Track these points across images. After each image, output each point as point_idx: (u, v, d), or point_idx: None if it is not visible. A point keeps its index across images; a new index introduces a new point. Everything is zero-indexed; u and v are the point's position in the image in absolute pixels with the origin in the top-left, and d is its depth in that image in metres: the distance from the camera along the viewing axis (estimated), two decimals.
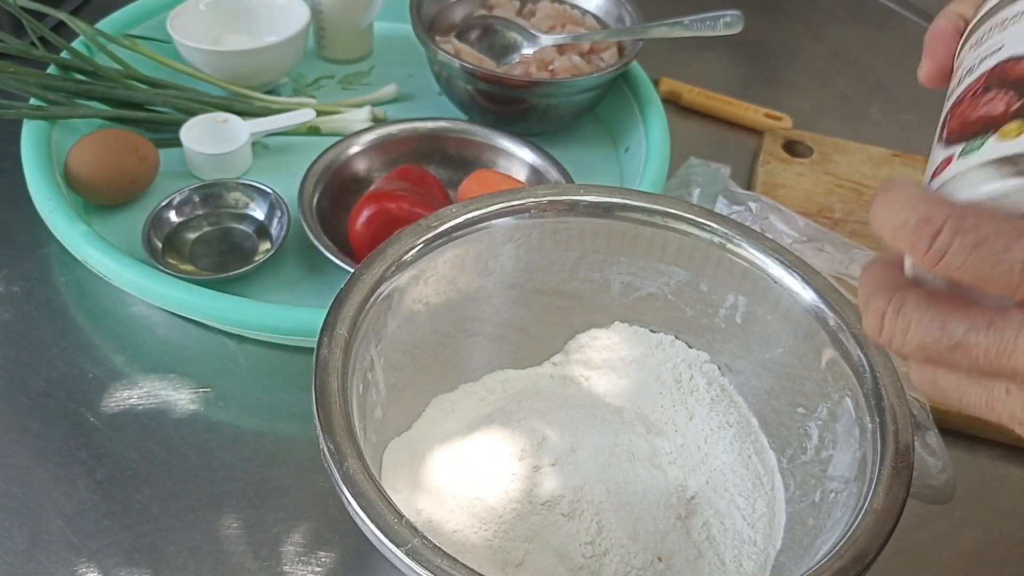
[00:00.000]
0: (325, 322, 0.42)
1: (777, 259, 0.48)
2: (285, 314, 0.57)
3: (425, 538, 0.35)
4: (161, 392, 0.57)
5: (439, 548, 0.35)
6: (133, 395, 0.57)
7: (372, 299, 0.44)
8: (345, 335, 0.42)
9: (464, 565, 0.34)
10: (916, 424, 0.56)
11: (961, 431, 0.59)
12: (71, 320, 0.61)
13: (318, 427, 0.38)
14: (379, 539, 0.35)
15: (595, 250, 0.51)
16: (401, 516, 0.35)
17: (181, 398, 0.57)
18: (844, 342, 0.44)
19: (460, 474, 0.46)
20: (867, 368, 0.43)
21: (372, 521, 0.35)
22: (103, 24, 0.78)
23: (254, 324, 0.57)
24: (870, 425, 0.41)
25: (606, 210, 0.50)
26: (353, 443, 0.38)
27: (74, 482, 0.52)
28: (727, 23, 0.69)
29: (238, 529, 0.50)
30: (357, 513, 0.36)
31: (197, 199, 0.67)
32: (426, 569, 0.34)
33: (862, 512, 0.38)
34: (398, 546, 0.34)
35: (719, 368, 0.52)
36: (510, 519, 0.44)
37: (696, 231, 0.49)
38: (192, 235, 0.66)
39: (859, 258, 0.63)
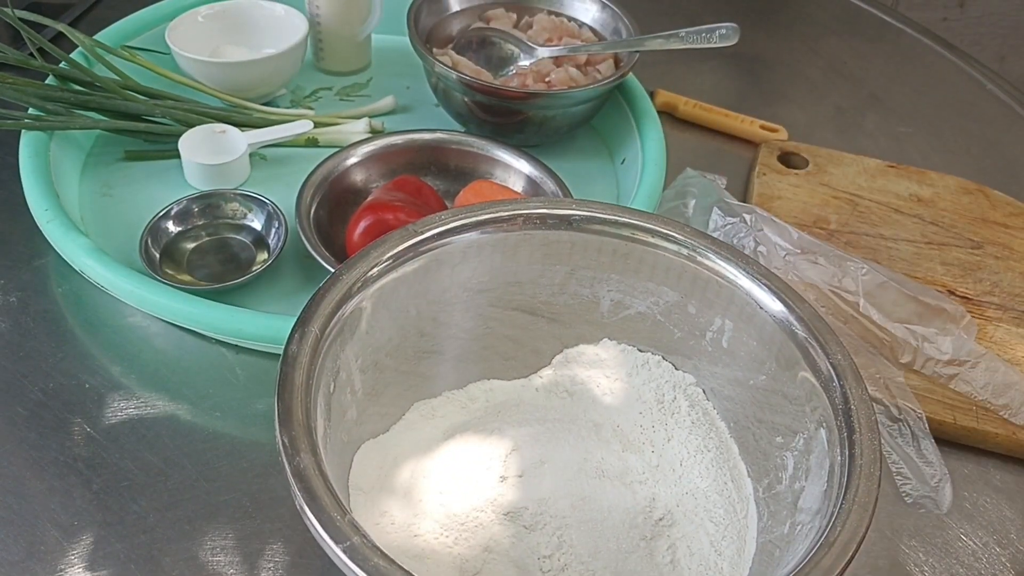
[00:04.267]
0: (299, 318, 0.42)
1: (765, 285, 0.47)
2: (282, 324, 0.57)
3: (366, 537, 0.34)
4: (158, 402, 0.57)
5: (378, 548, 0.34)
6: (130, 405, 0.56)
7: (351, 299, 0.44)
8: (316, 332, 0.42)
9: (400, 567, 0.34)
10: (912, 434, 0.57)
11: (957, 441, 0.59)
12: (68, 330, 0.61)
13: (276, 420, 0.38)
14: (319, 534, 0.35)
15: (585, 266, 0.51)
16: (345, 513, 0.35)
17: (178, 408, 0.57)
18: (823, 371, 0.44)
19: (429, 479, 0.46)
20: (842, 399, 0.42)
21: (314, 515, 0.35)
22: (102, 35, 0.78)
23: (251, 334, 0.57)
24: (839, 458, 0.41)
25: (596, 225, 0.50)
26: (309, 438, 0.38)
27: (70, 492, 0.52)
28: (723, 35, 0.70)
29: (235, 539, 0.50)
30: (301, 507, 0.35)
31: (195, 209, 0.67)
32: (361, 568, 0.34)
33: (817, 546, 0.37)
34: (336, 543, 0.34)
35: (704, 392, 0.51)
36: (472, 527, 0.44)
37: (686, 251, 0.49)
38: (190, 245, 0.66)
39: (853, 270, 0.63)
